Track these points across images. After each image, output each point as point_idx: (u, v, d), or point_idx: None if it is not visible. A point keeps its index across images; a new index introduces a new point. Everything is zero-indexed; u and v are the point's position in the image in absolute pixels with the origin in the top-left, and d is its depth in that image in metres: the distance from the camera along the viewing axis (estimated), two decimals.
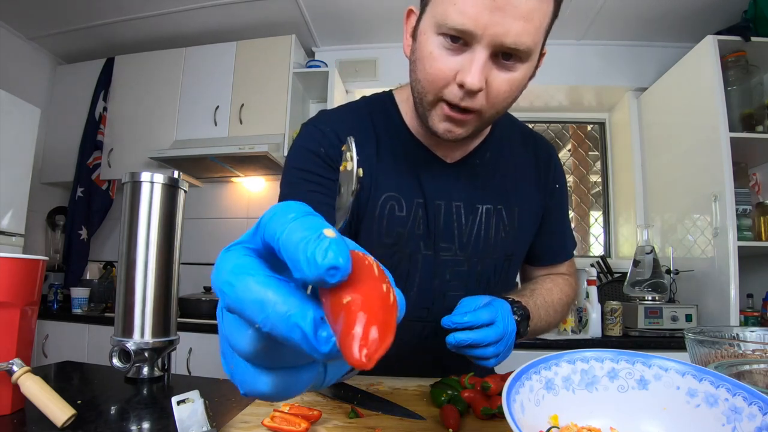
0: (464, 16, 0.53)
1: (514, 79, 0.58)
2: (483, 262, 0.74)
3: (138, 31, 2.54)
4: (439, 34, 0.56)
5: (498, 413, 0.50)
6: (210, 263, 2.64)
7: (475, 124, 0.62)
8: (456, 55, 0.56)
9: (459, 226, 0.72)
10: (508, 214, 0.75)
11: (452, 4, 0.53)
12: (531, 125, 2.73)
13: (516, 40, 0.53)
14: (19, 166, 2.06)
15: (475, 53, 0.54)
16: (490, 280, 0.76)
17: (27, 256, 0.55)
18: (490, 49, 0.54)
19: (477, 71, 0.54)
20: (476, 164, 0.74)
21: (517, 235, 0.76)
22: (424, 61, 0.59)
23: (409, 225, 0.71)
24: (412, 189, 0.71)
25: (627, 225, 2.51)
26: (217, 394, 0.64)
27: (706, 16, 2.17)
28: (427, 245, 0.71)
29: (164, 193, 0.77)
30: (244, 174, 2.55)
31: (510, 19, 0.52)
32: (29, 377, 0.50)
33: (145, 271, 0.74)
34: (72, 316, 2.17)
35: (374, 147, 0.71)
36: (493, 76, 0.57)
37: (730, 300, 1.71)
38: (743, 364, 0.50)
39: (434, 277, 0.73)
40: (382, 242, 0.70)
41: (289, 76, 2.35)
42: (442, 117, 0.61)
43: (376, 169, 0.70)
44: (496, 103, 0.59)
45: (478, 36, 0.53)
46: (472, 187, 0.73)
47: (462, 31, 0.54)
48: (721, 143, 1.77)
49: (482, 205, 0.73)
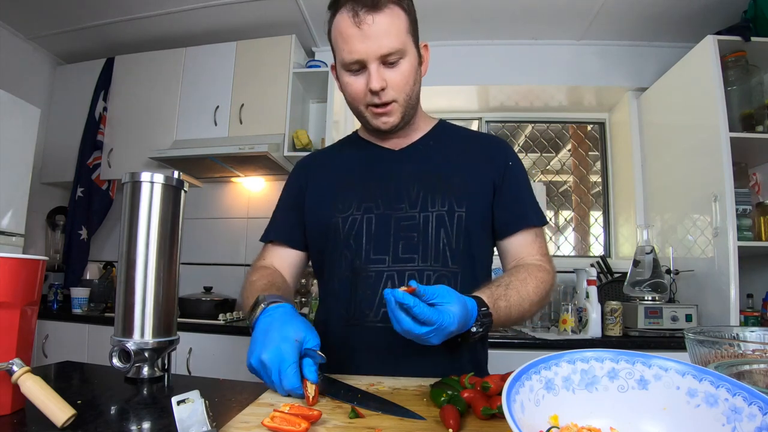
0: (351, 53, 0.79)
1: (403, 71, 0.82)
2: (433, 216, 0.85)
3: (138, 31, 2.53)
4: (346, 71, 0.83)
5: (498, 413, 0.50)
6: (210, 263, 2.64)
7: (399, 111, 0.85)
8: (360, 77, 0.82)
9: (408, 190, 0.87)
10: (454, 179, 0.88)
11: (343, 51, 0.80)
12: (531, 125, 2.78)
13: (387, 48, 0.78)
14: (19, 166, 2.06)
15: (370, 68, 0.80)
16: (445, 233, 0.84)
17: (27, 256, 0.55)
18: (376, 61, 0.79)
19: (375, 77, 0.80)
20: (420, 149, 0.93)
21: (465, 194, 0.86)
22: (346, 89, 0.85)
23: (361, 194, 0.88)
24: (364, 171, 0.92)
25: (627, 225, 2.51)
26: (217, 394, 0.64)
27: (706, 16, 2.17)
28: (377, 206, 0.87)
29: (164, 193, 0.76)
30: (244, 174, 2.55)
31: (374, 39, 0.78)
32: (29, 377, 0.50)
33: (145, 271, 0.74)
34: (72, 316, 2.17)
35: (328, 164, 0.98)
36: (387, 75, 0.81)
37: (730, 300, 1.71)
38: (743, 364, 0.51)
39: (391, 233, 0.84)
40: (337, 208, 0.88)
41: (289, 76, 2.35)
42: (373, 116, 0.86)
43: (328, 175, 0.95)
44: (400, 89, 0.83)
45: (365, 58, 0.79)
46: (418, 163, 0.91)
47: (356, 61, 0.80)
48: (721, 143, 1.77)
49: (428, 173, 0.89)
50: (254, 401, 0.59)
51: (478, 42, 2.53)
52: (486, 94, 2.62)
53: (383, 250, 0.84)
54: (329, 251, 0.89)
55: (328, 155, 1.02)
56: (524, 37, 2.48)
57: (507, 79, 2.51)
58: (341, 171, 0.94)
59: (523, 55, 2.51)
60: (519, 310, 0.78)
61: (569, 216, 2.73)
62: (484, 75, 2.52)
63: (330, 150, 1.05)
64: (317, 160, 1.01)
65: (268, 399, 0.60)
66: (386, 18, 0.77)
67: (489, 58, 2.53)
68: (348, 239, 0.86)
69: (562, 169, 2.78)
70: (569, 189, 2.76)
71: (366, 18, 0.76)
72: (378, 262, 0.83)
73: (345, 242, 0.86)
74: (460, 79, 2.54)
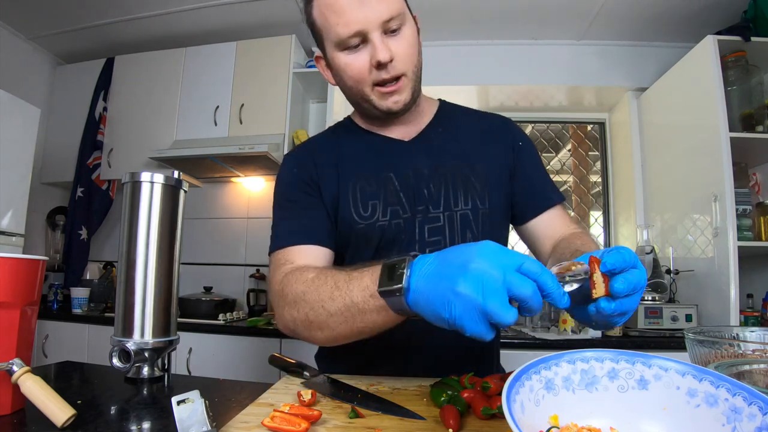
0: (348, 24, 0.69)
1: (407, 37, 0.73)
2: (457, 215, 0.79)
3: (138, 31, 2.53)
4: (342, 50, 0.72)
5: (498, 413, 0.50)
6: (210, 263, 2.64)
7: (410, 86, 0.76)
8: (362, 52, 0.72)
9: (428, 188, 0.80)
10: (472, 171, 0.81)
11: (336, 24, 0.70)
12: (531, 125, 2.78)
13: (388, 12, 0.69)
14: (19, 166, 2.06)
15: (373, 38, 0.70)
16: (471, 234, 0.79)
17: (27, 256, 0.55)
18: (379, 29, 0.69)
19: (381, 47, 0.69)
20: (431, 137, 0.85)
21: (485, 186, 0.81)
22: (344, 71, 0.74)
23: (383, 196, 0.79)
24: (380, 168, 0.81)
25: (627, 225, 2.51)
26: (217, 394, 0.64)
27: (706, 16, 2.17)
28: (403, 209, 0.79)
29: (164, 193, 0.77)
30: (244, 174, 2.55)
31: (373, 3, 0.68)
32: (29, 377, 0.50)
33: (145, 271, 0.74)
34: (72, 316, 2.17)
35: (335, 159, 0.83)
36: (392, 44, 0.71)
37: (730, 300, 1.71)
38: (743, 364, 0.51)
39: (416, 239, 0.78)
40: (360, 215, 0.78)
41: (289, 76, 2.35)
42: (381, 96, 0.75)
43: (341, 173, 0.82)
44: (408, 60, 0.74)
45: (365, 27, 0.69)
46: (432, 155, 0.82)
47: (356, 33, 0.69)
48: (721, 143, 1.77)
49: (445, 166, 0.81)
50: (254, 401, 0.59)
51: (478, 42, 2.53)
52: (486, 94, 2.62)
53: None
54: (353, 256, 0.80)
55: (327, 147, 0.86)
56: (524, 37, 2.48)
57: (507, 79, 2.51)
58: (351, 166, 0.82)
59: (523, 55, 2.51)
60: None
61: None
62: (484, 75, 2.52)
63: (326, 140, 0.89)
64: (318, 152, 0.85)
65: (268, 399, 0.60)
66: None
67: (489, 58, 2.53)
68: (378, 249, 0.78)
69: (562, 169, 2.78)
70: (569, 189, 2.76)
71: None
72: None
73: (374, 252, 0.78)
74: (460, 79, 2.54)
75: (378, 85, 0.74)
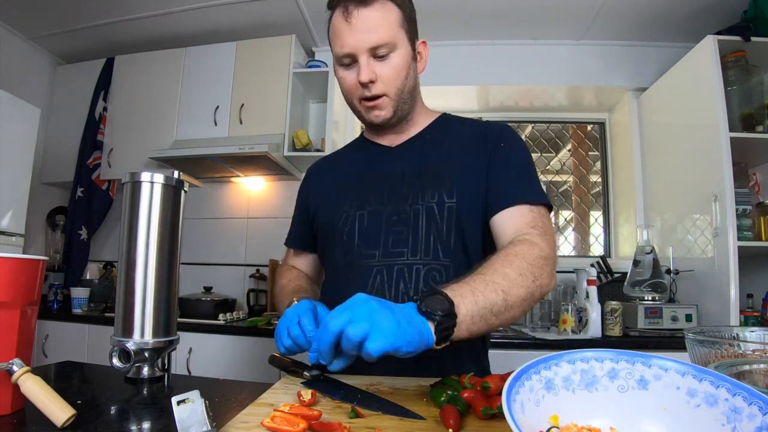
0: (342, 46, 0.82)
1: (393, 64, 0.83)
2: (423, 208, 0.84)
3: (138, 31, 2.54)
4: (340, 65, 0.85)
5: (498, 413, 0.50)
6: (210, 263, 2.64)
7: (391, 105, 0.86)
8: (352, 71, 0.84)
9: (399, 186, 0.88)
10: (445, 171, 0.87)
11: (335, 45, 0.83)
12: (531, 125, 2.78)
13: (375, 41, 0.80)
14: (19, 166, 2.06)
15: (360, 61, 0.82)
16: (435, 226, 0.83)
17: (27, 256, 0.55)
18: (366, 54, 0.81)
19: (364, 70, 0.81)
20: (416, 144, 0.93)
21: (455, 184, 0.85)
22: (341, 83, 0.88)
23: (356, 192, 0.90)
24: (363, 171, 0.94)
25: (627, 225, 2.51)
26: (217, 394, 0.64)
27: (706, 16, 2.17)
28: (373, 203, 0.88)
29: (164, 193, 0.76)
30: (244, 174, 2.55)
31: (363, 32, 0.80)
32: (29, 377, 0.50)
33: (145, 271, 0.74)
34: (72, 316, 2.17)
35: (334, 168, 1.02)
36: (378, 67, 0.82)
37: (730, 300, 1.71)
38: (743, 364, 0.51)
39: (382, 229, 0.85)
40: (335, 207, 0.91)
41: (289, 76, 2.35)
42: (366, 109, 0.87)
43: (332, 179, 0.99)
44: (390, 83, 0.84)
45: (354, 51, 0.81)
46: (411, 159, 0.91)
47: (346, 54, 0.82)
48: (721, 143, 1.77)
49: (420, 168, 0.89)
50: (254, 401, 0.59)
51: (478, 42, 2.53)
52: (486, 94, 2.62)
53: (374, 246, 0.85)
54: (328, 248, 0.93)
55: (333, 158, 1.06)
56: (524, 37, 2.48)
57: (507, 79, 2.51)
58: (343, 172, 0.98)
59: (523, 55, 2.51)
60: (499, 301, 0.64)
61: (569, 216, 2.73)
62: (484, 75, 2.52)
63: (336, 153, 1.08)
64: (322, 166, 1.06)
65: (268, 399, 0.60)
66: (375, 12, 0.80)
67: (489, 58, 2.53)
68: (342, 236, 0.88)
69: (562, 169, 2.78)
70: (569, 189, 2.76)
71: (355, 12, 0.80)
72: (368, 257, 0.85)
73: (339, 239, 0.89)
74: (459, 79, 2.54)
75: (364, 99, 0.86)
